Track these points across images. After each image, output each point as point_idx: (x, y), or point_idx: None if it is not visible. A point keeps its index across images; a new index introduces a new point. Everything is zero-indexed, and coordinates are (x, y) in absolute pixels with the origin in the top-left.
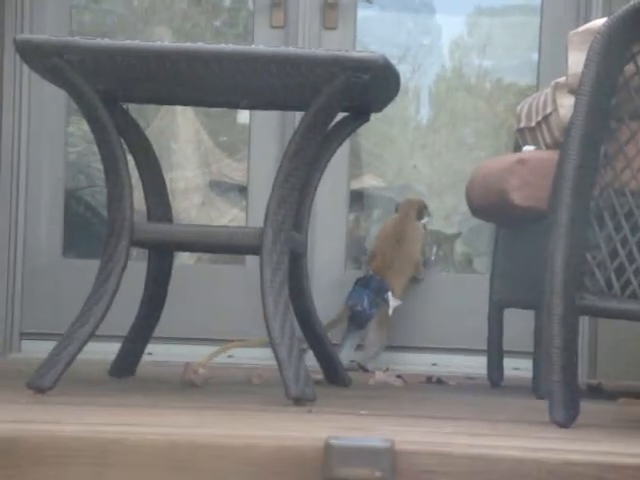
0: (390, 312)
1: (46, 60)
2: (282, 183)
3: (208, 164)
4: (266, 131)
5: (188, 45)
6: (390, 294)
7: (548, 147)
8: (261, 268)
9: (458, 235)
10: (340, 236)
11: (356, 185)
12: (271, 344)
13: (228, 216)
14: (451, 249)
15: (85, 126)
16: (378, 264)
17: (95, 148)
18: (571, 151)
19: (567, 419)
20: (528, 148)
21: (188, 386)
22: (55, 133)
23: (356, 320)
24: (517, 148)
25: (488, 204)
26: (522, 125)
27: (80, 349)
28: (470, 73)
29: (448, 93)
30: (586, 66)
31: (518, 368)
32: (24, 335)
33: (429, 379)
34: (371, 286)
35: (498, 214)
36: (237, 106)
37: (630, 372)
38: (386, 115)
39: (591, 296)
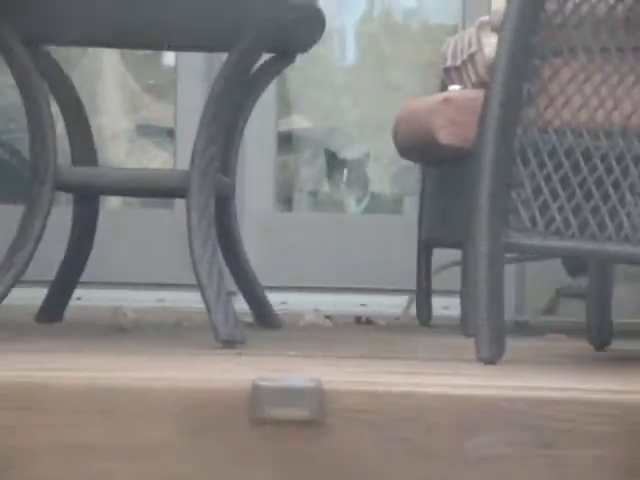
0: None
1: None
2: (208, 125)
3: (135, 108)
4: (193, 73)
5: None
6: None
7: (474, 86)
8: (187, 211)
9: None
10: (269, 178)
11: (284, 127)
12: (199, 287)
13: (157, 161)
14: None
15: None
16: None
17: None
18: (495, 89)
19: (493, 356)
20: (454, 87)
21: (117, 330)
22: None
23: None
24: (443, 88)
25: (414, 144)
26: (448, 64)
27: (5, 295)
28: (396, 13)
29: (374, 34)
30: (508, 4)
31: (448, 307)
32: None
33: (358, 319)
34: None
35: (424, 154)
36: (161, 47)
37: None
38: (312, 56)
39: (516, 233)
